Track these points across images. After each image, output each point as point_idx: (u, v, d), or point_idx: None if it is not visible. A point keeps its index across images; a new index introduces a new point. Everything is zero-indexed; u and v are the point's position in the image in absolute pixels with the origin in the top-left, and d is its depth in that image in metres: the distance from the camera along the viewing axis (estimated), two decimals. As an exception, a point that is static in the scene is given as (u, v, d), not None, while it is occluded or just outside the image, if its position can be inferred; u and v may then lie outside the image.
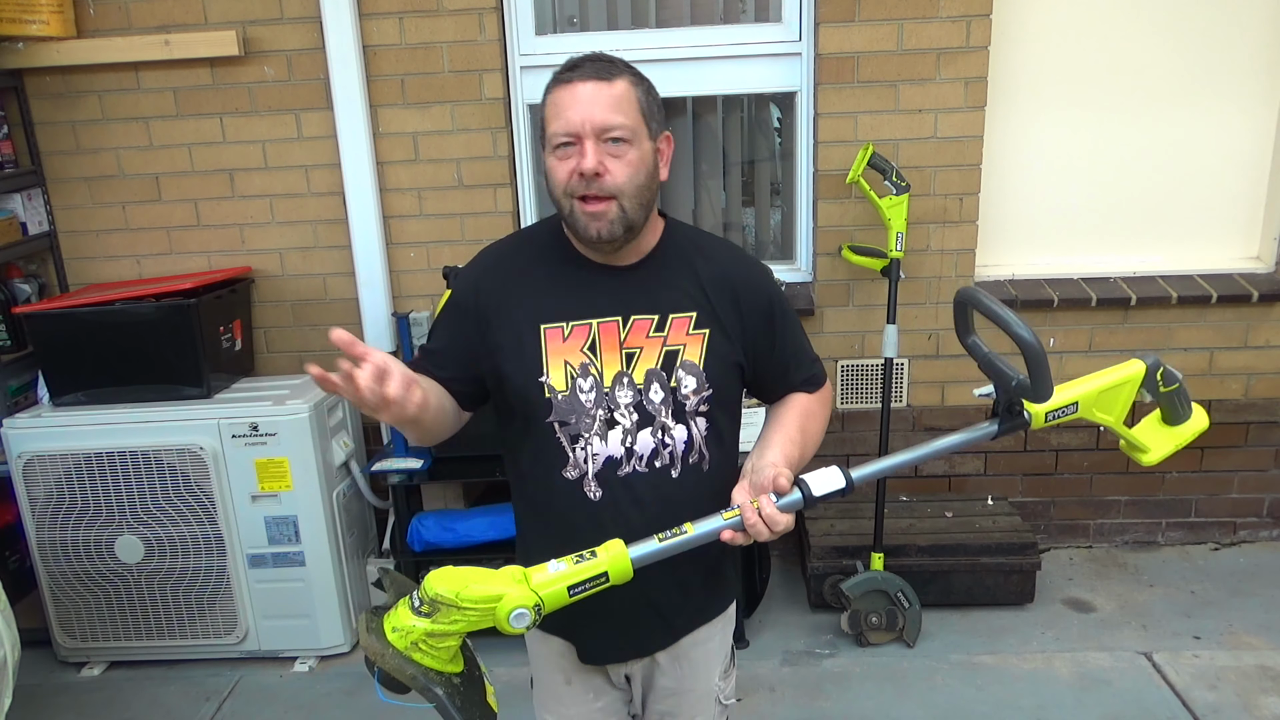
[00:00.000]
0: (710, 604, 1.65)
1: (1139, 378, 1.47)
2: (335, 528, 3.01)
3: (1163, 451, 1.55)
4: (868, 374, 3.39)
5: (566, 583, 1.27)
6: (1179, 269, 3.35)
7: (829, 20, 3.07)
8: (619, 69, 1.41)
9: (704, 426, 1.49)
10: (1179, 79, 3.21)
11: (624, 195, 1.39)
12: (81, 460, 2.87)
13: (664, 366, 1.47)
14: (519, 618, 1.24)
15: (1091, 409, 1.45)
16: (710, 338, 1.48)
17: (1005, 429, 1.43)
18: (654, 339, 1.47)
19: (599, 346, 1.47)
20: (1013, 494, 3.50)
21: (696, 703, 1.67)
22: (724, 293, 1.50)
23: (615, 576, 1.29)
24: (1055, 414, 1.43)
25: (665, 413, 1.47)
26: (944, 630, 3.05)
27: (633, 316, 1.47)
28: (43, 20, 3.02)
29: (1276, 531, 3.56)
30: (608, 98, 1.37)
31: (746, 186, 3.61)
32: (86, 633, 3.04)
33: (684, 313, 1.48)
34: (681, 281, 1.50)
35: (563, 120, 1.37)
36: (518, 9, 3.17)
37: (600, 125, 1.36)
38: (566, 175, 1.38)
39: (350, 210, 3.23)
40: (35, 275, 3.32)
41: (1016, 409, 1.42)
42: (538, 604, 1.26)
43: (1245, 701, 2.68)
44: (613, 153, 1.38)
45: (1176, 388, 1.50)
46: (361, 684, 2.95)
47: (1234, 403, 3.41)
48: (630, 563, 1.29)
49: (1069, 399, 1.43)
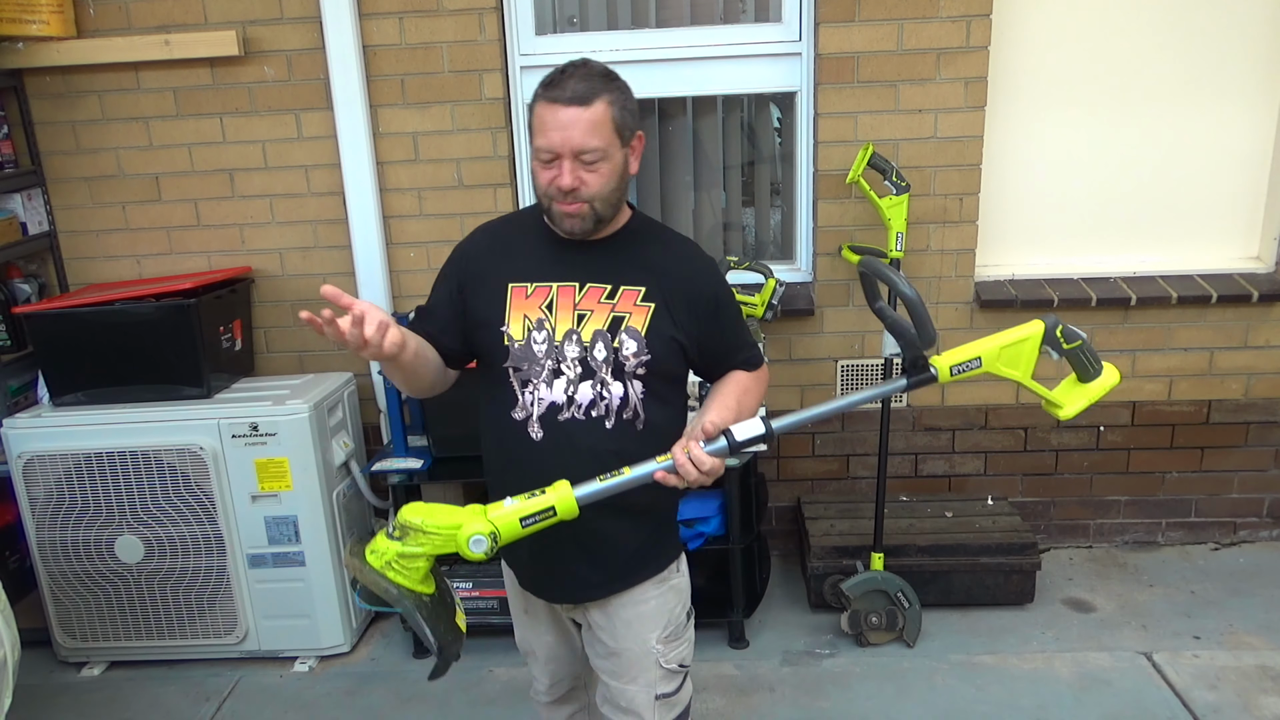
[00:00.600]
0: (644, 564, 1.78)
1: (1039, 335, 1.60)
2: (335, 528, 3.01)
3: (1076, 406, 1.66)
4: (868, 374, 3.39)
5: (518, 515, 1.48)
6: (1179, 269, 3.35)
7: (829, 20, 3.07)
8: (598, 88, 1.57)
9: (640, 389, 1.68)
10: (1179, 79, 3.21)
11: (597, 200, 1.61)
12: (81, 460, 2.87)
13: (610, 329, 1.66)
14: (476, 543, 1.45)
15: (996, 364, 1.60)
16: (654, 311, 1.67)
17: (913, 382, 1.59)
18: (604, 305, 1.67)
19: (555, 306, 1.68)
20: (1013, 494, 3.50)
21: (634, 663, 1.79)
22: (675, 279, 1.70)
23: (562, 511, 1.49)
24: (959, 368, 1.59)
25: (606, 370, 1.66)
26: (944, 630, 3.05)
27: (588, 284, 1.68)
28: (43, 20, 3.02)
29: (1276, 531, 3.56)
30: (586, 123, 1.55)
31: (746, 186, 3.61)
32: (86, 633, 3.04)
33: (634, 286, 1.68)
34: (637, 261, 1.70)
35: (545, 138, 1.57)
36: (518, 9, 3.17)
37: (577, 148, 1.56)
38: (546, 182, 1.60)
39: (350, 210, 3.23)
40: (35, 275, 3.32)
41: (921, 363, 1.59)
42: (493, 532, 1.46)
43: (1245, 701, 2.68)
44: (588, 168, 1.58)
45: (1080, 344, 1.61)
46: (362, 684, 2.96)
47: (1234, 403, 3.41)
48: (575, 500, 1.49)
49: (972, 354, 1.58)
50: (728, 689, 2.83)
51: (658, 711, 1.80)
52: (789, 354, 3.37)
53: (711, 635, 3.06)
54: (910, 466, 3.51)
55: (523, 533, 1.49)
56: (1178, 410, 3.42)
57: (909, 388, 1.60)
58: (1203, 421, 3.43)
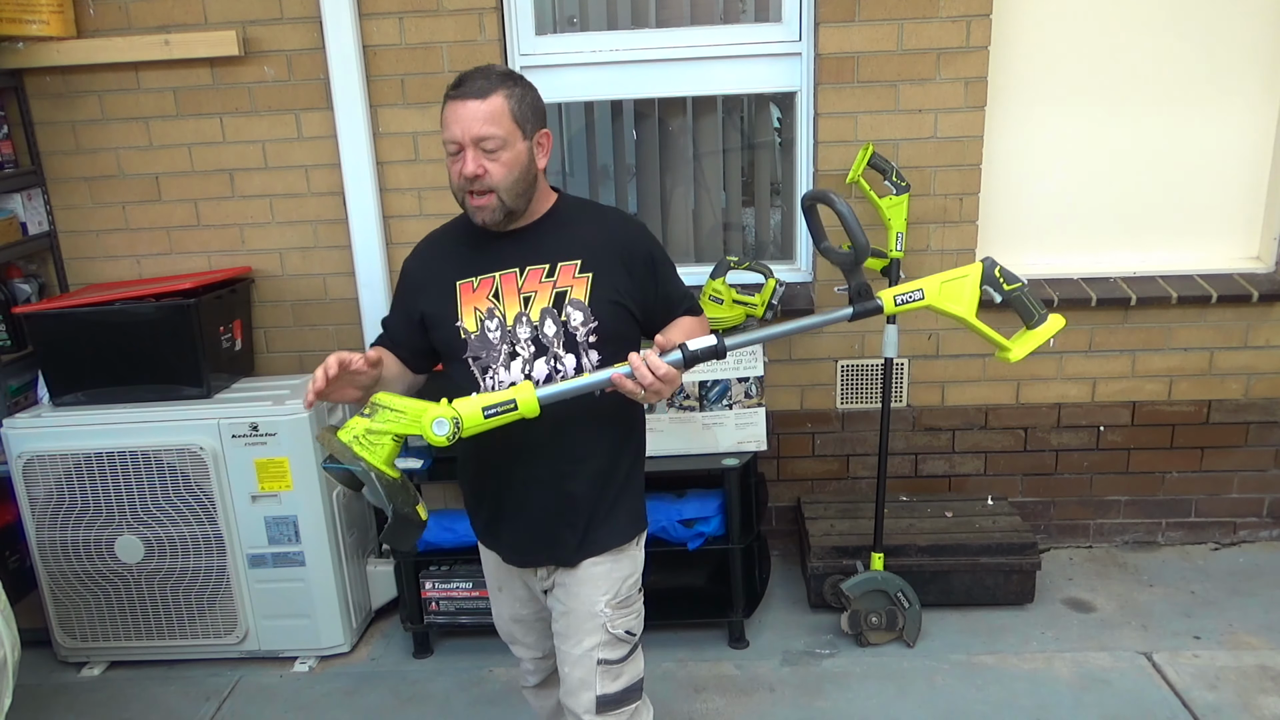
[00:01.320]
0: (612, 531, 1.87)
1: (978, 273, 1.71)
2: (335, 528, 3.01)
3: (1023, 349, 1.74)
4: (868, 374, 3.39)
5: (481, 405, 1.60)
6: (1179, 269, 3.35)
7: (829, 20, 3.07)
8: (494, 84, 1.70)
9: (595, 358, 1.78)
10: (1179, 78, 3.21)
11: (501, 189, 1.72)
12: (81, 460, 2.87)
13: (555, 305, 1.77)
14: (439, 424, 1.58)
15: (939, 298, 1.69)
16: (594, 280, 1.77)
17: (859, 310, 1.68)
18: (546, 284, 1.78)
19: (501, 293, 1.79)
20: (1013, 494, 3.50)
21: (581, 623, 1.86)
22: (608, 247, 1.80)
23: (523, 406, 1.60)
24: (903, 297, 1.68)
25: (557, 344, 1.77)
26: (944, 630, 3.05)
27: (527, 267, 1.79)
28: (43, 20, 3.02)
29: (1276, 531, 3.56)
30: (484, 113, 1.68)
31: (746, 186, 3.61)
32: (86, 633, 3.04)
33: (570, 260, 1.78)
34: (569, 238, 1.81)
35: (449, 131, 1.71)
36: (518, 9, 3.17)
37: (476, 136, 1.68)
38: (456, 176, 1.73)
39: (350, 210, 3.23)
40: (35, 275, 3.32)
41: (865, 292, 1.69)
42: (456, 418, 1.59)
43: (1245, 701, 2.67)
44: (489, 157, 1.70)
45: (1019, 286, 1.72)
46: (361, 684, 2.96)
47: (1234, 403, 3.41)
48: (536, 398, 1.60)
49: (914, 286, 1.68)
50: (728, 689, 2.83)
51: (600, 677, 1.85)
52: (789, 354, 3.37)
53: (711, 635, 3.06)
54: (910, 466, 3.50)
55: (484, 424, 1.60)
56: (1178, 410, 3.42)
57: (855, 316, 1.69)
58: (1203, 421, 3.43)
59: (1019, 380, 3.40)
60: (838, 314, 1.70)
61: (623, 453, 1.90)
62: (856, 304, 1.68)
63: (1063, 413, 3.42)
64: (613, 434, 1.87)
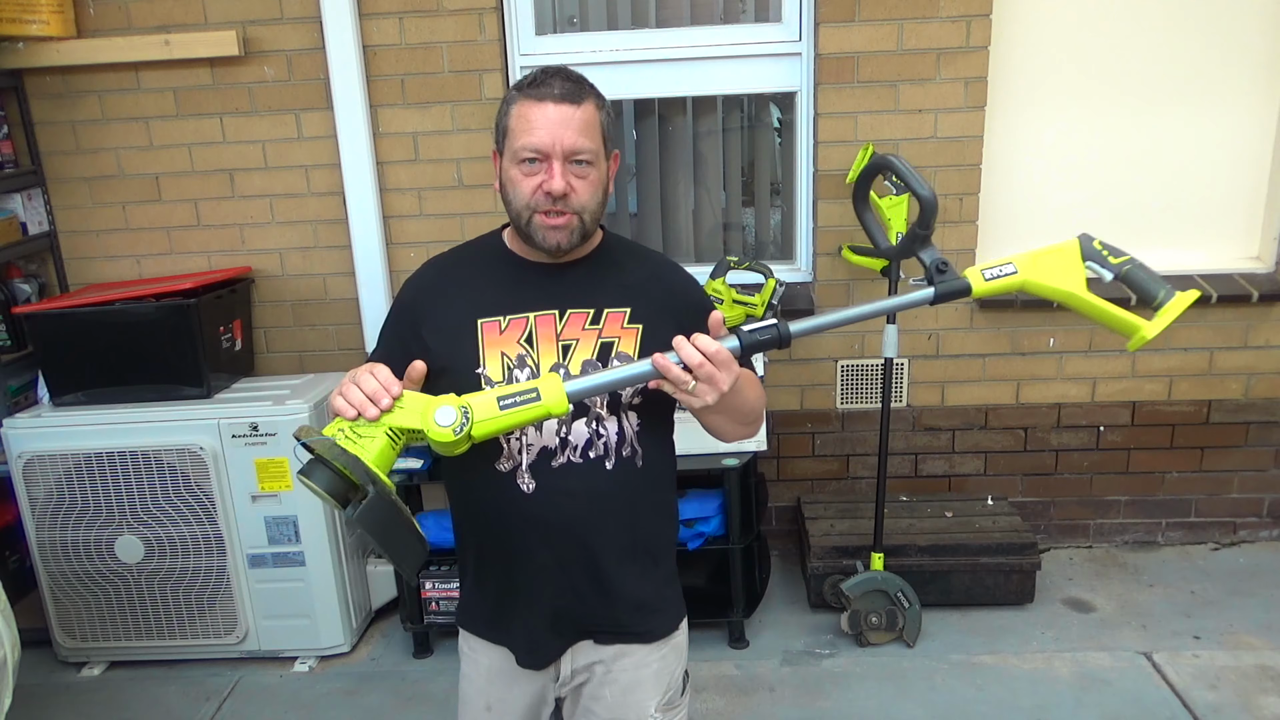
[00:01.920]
0: (653, 618, 1.61)
1: (1075, 243, 1.46)
2: (335, 528, 3.01)
3: (1158, 324, 1.44)
4: (868, 374, 3.39)
5: (498, 394, 1.30)
6: (1179, 269, 3.34)
7: (829, 20, 3.07)
8: (586, 90, 1.45)
9: (636, 421, 1.52)
10: (1179, 78, 3.21)
11: (585, 212, 1.46)
12: (81, 460, 2.87)
13: (599, 357, 1.49)
14: (444, 413, 1.26)
15: (1036, 272, 1.42)
16: (644, 332, 1.51)
17: (942, 291, 1.40)
18: (590, 331, 1.50)
19: (536, 338, 1.49)
20: (1013, 494, 3.50)
21: None
22: (657, 295, 1.55)
23: (548, 399, 1.30)
24: (992, 272, 1.41)
25: (600, 403, 1.49)
26: (944, 630, 3.05)
27: (569, 310, 1.51)
28: (43, 20, 3.02)
29: (1276, 531, 3.56)
30: (578, 121, 1.42)
31: (746, 186, 3.61)
32: (86, 633, 3.04)
33: (618, 308, 1.52)
34: (615, 281, 1.55)
35: (532, 137, 1.41)
36: (518, 9, 3.17)
37: (570, 149, 1.42)
38: (531, 190, 1.43)
39: (350, 210, 3.23)
40: (35, 275, 3.32)
41: (943, 266, 1.42)
42: (465, 408, 1.27)
43: (1245, 701, 2.67)
44: (577, 174, 1.43)
45: (1129, 258, 1.45)
46: (361, 684, 2.96)
47: (1234, 403, 3.41)
48: (565, 391, 1.31)
49: (1004, 260, 1.41)
50: (728, 689, 2.83)
51: None
52: (789, 354, 3.37)
53: (711, 635, 3.06)
54: (910, 466, 3.51)
55: (500, 418, 1.29)
56: (1178, 410, 3.42)
57: (939, 298, 1.40)
58: (1203, 421, 3.43)
59: (1019, 380, 3.41)
60: (918, 295, 1.41)
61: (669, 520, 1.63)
62: (939, 282, 1.39)
63: (1063, 413, 3.42)
64: (655, 499, 1.59)
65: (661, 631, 1.61)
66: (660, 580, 1.62)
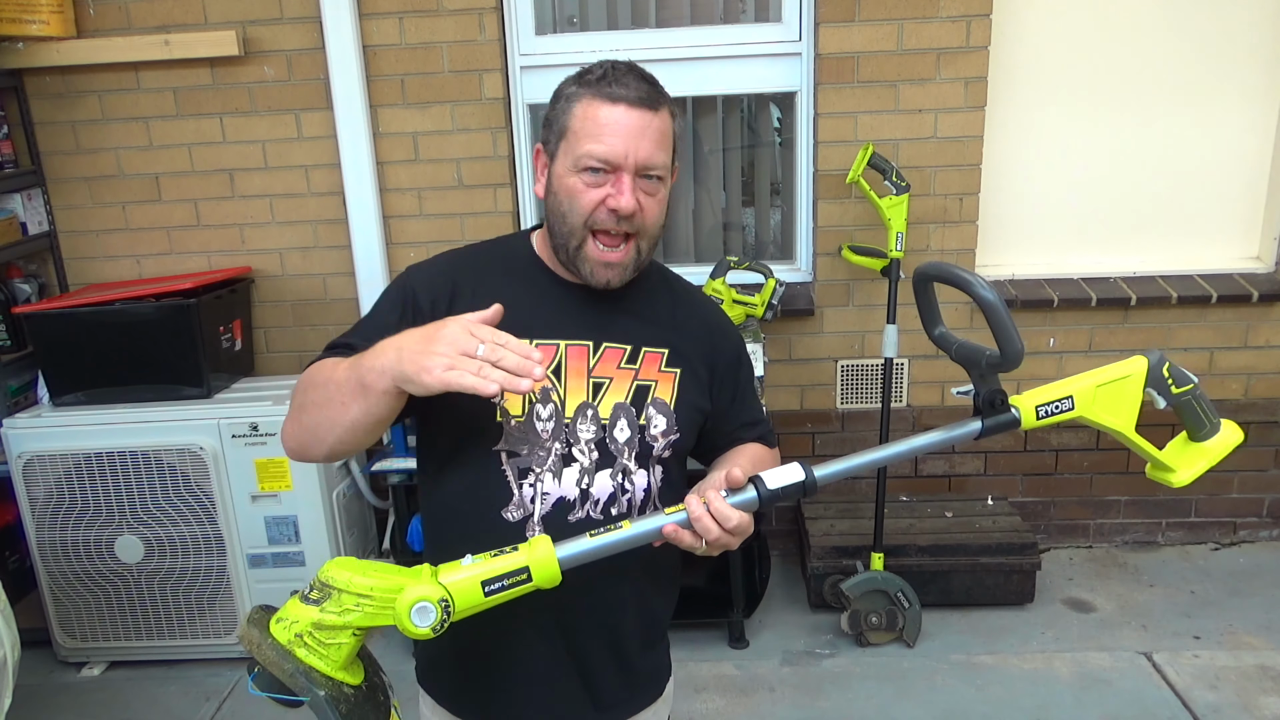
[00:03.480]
0: (646, 682, 1.46)
1: (1143, 373, 1.32)
2: (335, 528, 3.00)
3: (1193, 470, 1.36)
4: (868, 374, 3.39)
5: (481, 577, 1.10)
6: (1179, 269, 3.35)
7: (829, 20, 3.07)
8: (661, 95, 1.26)
9: (660, 475, 1.34)
10: (1179, 79, 3.21)
11: (646, 236, 1.28)
12: (81, 460, 2.87)
13: (634, 402, 1.31)
14: (422, 611, 1.10)
15: (1092, 407, 1.30)
16: (681, 378, 1.34)
17: (991, 426, 1.25)
18: (625, 371, 1.31)
19: (565, 371, 1.29)
20: (1013, 494, 3.50)
21: None
22: (696, 335, 1.38)
23: (539, 576, 1.10)
24: (1047, 409, 1.27)
25: (629, 454, 1.30)
26: (944, 630, 3.05)
27: (605, 344, 1.31)
28: (43, 20, 3.02)
29: (1276, 531, 3.56)
30: (655, 132, 1.23)
31: (746, 186, 3.61)
32: (86, 633, 3.03)
33: (656, 348, 1.34)
34: (655, 317, 1.37)
35: (603, 144, 1.21)
36: (518, 9, 3.17)
37: (643, 163, 1.22)
38: (592, 205, 1.23)
39: (350, 210, 3.23)
40: (35, 275, 3.32)
41: (999, 402, 1.26)
42: (444, 599, 1.10)
43: (1245, 701, 2.68)
44: (646, 189, 1.24)
45: (1192, 388, 1.33)
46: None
47: (1234, 403, 3.41)
48: (557, 563, 1.11)
49: (1063, 393, 1.28)
50: (728, 689, 2.83)
51: None
52: (789, 354, 3.37)
53: (711, 635, 3.06)
54: (910, 466, 3.50)
55: (484, 603, 1.11)
56: (1178, 410, 3.41)
57: (985, 433, 1.26)
58: (1203, 421, 3.43)
59: (1018, 380, 3.39)
60: (964, 429, 1.26)
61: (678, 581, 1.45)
62: (988, 417, 1.26)
63: (1063, 413, 3.42)
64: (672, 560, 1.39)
65: (662, 687, 1.49)
66: (651, 635, 1.45)
